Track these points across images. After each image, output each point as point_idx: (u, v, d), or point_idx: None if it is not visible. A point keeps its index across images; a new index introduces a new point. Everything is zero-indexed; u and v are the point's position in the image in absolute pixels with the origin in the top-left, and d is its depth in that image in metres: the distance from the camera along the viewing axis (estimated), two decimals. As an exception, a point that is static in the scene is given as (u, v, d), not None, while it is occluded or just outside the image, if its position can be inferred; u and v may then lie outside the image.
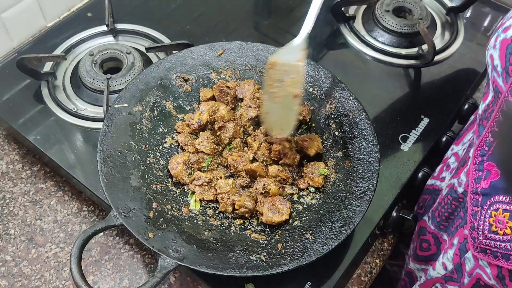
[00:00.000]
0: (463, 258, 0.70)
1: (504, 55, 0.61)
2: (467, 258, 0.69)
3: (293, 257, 0.69)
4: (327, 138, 0.87)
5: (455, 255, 0.73)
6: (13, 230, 0.86)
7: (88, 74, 0.96)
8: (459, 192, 0.75)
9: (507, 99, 0.61)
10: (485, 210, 0.64)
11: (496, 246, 0.62)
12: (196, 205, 0.79)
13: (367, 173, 0.77)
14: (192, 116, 0.87)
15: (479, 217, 0.65)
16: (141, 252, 0.84)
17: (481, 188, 0.66)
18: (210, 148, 0.82)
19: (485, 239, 0.64)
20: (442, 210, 0.79)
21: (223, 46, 0.94)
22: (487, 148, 0.66)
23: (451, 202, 0.77)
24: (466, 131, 0.86)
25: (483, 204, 0.65)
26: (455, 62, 1.06)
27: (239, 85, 0.91)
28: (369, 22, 1.12)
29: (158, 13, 1.14)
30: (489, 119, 0.65)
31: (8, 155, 0.95)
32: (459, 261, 0.72)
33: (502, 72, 0.62)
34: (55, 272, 0.82)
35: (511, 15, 0.65)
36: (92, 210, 0.89)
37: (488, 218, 0.64)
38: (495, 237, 0.62)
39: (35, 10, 1.09)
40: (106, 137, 0.79)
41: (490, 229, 0.63)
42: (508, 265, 0.61)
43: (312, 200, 0.81)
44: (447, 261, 0.75)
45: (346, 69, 1.04)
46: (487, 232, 0.64)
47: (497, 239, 0.62)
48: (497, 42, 0.63)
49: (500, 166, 0.63)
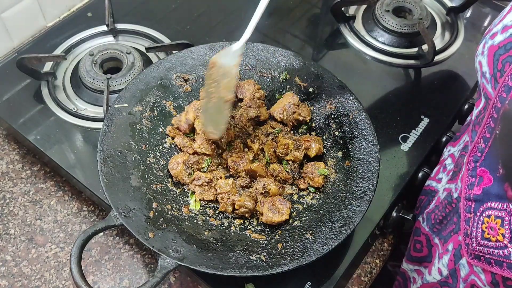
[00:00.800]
0: (457, 264, 0.70)
1: (492, 62, 0.61)
2: (462, 264, 0.69)
3: (293, 257, 0.69)
4: (327, 138, 0.87)
5: (450, 261, 0.73)
6: (13, 230, 0.86)
7: (88, 74, 0.96)
8: (454, 197, 0.75)
9: (495, 105, 0.61)
10: (478, 216, 0.64)
11: (489, 252, 0.62)
12: (196, 205, 0.79)
13: (367, 173, 0.77)
14: (179, 118, 0.87)
15: (472, 223, 0.65)
16: (141, 252, 0.84)
17: (474, 194, 0.65)
18: (211, 149, 0.82)
19: (478, 246, 0.64)
20: (437, 213, 0.79)
21: (223, 46, 0.94)
22: (480, 154, 0.65)
23: (445, 206, 0.77)
24: (463, 133, 0.86)
25: (476, 210, 0.65)
26: (455, 62, 1.06)
27: (239, 85, 0.91)
28: (369, 22, 1.12)
29: (158, 13, 1.14)
30: (481, 124, 0.65)
31: (8, 155, 0.95)
32: (454, 267, 0.71)
33: (491, 79, 0.62)
34: (55, 272, 0.82)
35: (498, 21, 0.65)
36: (92, 210, 0.89)
37: (481, 224, 0.63)
38: (488, 243, 0.62)
39: (35, 10, 1.09)
40: (106, 137, 0.79)
41: (483, 236, 0.63)
42: (501, 271, 0.61)
43: (312, 200, 0.81)
44: (442, 266, 0.74)
45: (346, 69, 1.04)
46: (480, 239, 0.64)
47: (490, 246, 0.62)
48: (485, 48, 0.63)
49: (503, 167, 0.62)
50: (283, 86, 0.93)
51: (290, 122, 0.88)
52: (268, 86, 0.93)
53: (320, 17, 1.19)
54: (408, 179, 0.87)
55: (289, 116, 0.87)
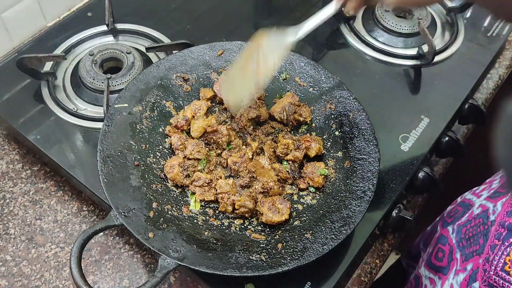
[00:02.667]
0: (470, 286, 0.69)
1: None
2: (474, 287, 0.68)
3: (293, 257, 0.69)
4: (327, 138, 0.87)
5: (464, 280, 0.71)
6: (13, 230, 0.86)
7: (88, 74, 0.96)
8: (490, 219, 0.73)
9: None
10: (505, 246, 0.63)
11: (504, 286, 0.61)
12: (196, 205, 0.79)
13: (367, 173, 0.77)
14: (177, 117, 0.87)
15: (497, 251, 0.64)
16: (141, 252, 0.84)
17: (509, 223, 0.64)
18: (202, 153, 0.82)
19: (495, 275, 0.62)
20: (469, 229, 0.77)
21: (223, 46, 0.94)
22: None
23: (479, 225, 0.75)
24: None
25: (505, 239, 0.63)
26: (455, 62, 1.06)
27: (239, 85, 0.91)
28: (369, 22, 1.12)
29: (158, 13, 1.14)
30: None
31: (8, 155, 0.95)
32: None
33: None
34: (55, 272, 0.82)
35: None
36: (92, 210, 0.89)
37: (505, 255, 0.62)
38: (505, 276, 0.61)
39: (35, 10, 1.09)
40: (106, 137, 0.79)
41: (503, 268, 0.62)
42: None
43: (312, 200, 0.81)
44: (456, 284, 0.73)
45: (346, 69, 1.04)
46: (499, 269, 0.62)
47: (506, 279, 0.61)
48: None
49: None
50: (283, 86, 0.93)
51: (290, 122, 0.88)
52: (268, 86, 0.93)
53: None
54: (408, 179, 0.87)
55: (289, 116, 0.87)
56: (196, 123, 0.85)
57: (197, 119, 0.85)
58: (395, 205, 0.85)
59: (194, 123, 0.85)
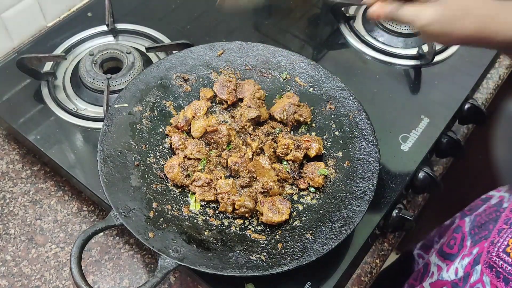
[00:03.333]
0: (473, 269, 0.70)
1: None
2: (476, 270, 0.69)
3: (293, 257, 0.69)
4: (327, 138, 0.87)
5: (468, 263, 0.72)
6: (13, 230, 0.86)
7: (88, 74, 0.96)
8: (503, 206, 0.74)
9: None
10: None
11: (502, 267, 0.62)
12: (196, 205, 0.79)
13: (367, 173, 0.77)
14: (177, 118, 0.87)
15: (503, 234, 0.65)
16: (141, 252, 0.84)
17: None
18: (202, 152, 0.82)
19: (497, 257, 0.63)
20: (483, 217, 0.78)
21: (223, 46, 0.94)
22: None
23: (491, 212, 0.76)
24: None
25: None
26: (455, 62, 1.06)
27: (239, 85, 0.91)
28: (369, 22, 1.12)
29: (158, 13, 1.14)
30: None
31: (8, 155, 0.95)
32: (469, 271, 0.71)
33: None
34: (55, 272, 0.82)
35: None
36: (92, 210, 0.89)
37: (510, 238, 0.63)
38: (505, 257, 0.62)
39: (35, 10, 1.09)
40: (106, 137, 0.79)
41: (505, 249, 0.62)
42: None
43: (312, 200, 0.81)
44: (461, 267, 0.74)
45: (346, 69, 1.04)
46: (501, 251, 0.63)
47: (505, 260, 0.62)
48: None
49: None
50: (283, 86, 0.93)
51: (290, 122, 0.88)
52: (268, 86, 0.93)
53: (320, 17, 1.19)
54: (408, 179, 0.87)
55: (289, 116, 0.87)
56: (196, 123, 0.85)
57: (198, 119, 0.85)
58: (395, 205, 0.85)
59: (194, 123, 0.85)
